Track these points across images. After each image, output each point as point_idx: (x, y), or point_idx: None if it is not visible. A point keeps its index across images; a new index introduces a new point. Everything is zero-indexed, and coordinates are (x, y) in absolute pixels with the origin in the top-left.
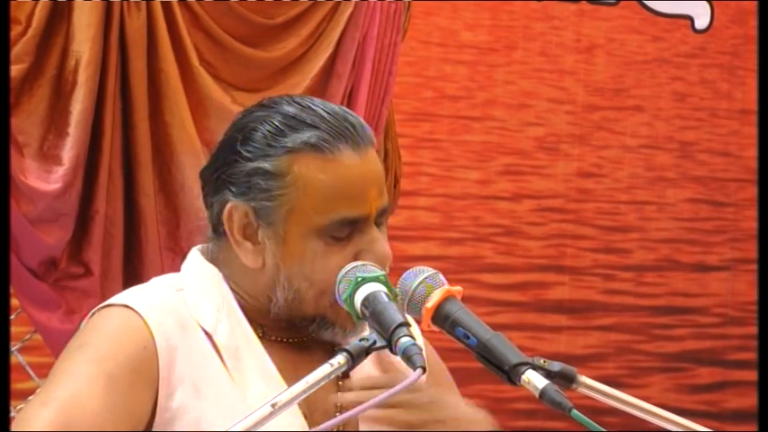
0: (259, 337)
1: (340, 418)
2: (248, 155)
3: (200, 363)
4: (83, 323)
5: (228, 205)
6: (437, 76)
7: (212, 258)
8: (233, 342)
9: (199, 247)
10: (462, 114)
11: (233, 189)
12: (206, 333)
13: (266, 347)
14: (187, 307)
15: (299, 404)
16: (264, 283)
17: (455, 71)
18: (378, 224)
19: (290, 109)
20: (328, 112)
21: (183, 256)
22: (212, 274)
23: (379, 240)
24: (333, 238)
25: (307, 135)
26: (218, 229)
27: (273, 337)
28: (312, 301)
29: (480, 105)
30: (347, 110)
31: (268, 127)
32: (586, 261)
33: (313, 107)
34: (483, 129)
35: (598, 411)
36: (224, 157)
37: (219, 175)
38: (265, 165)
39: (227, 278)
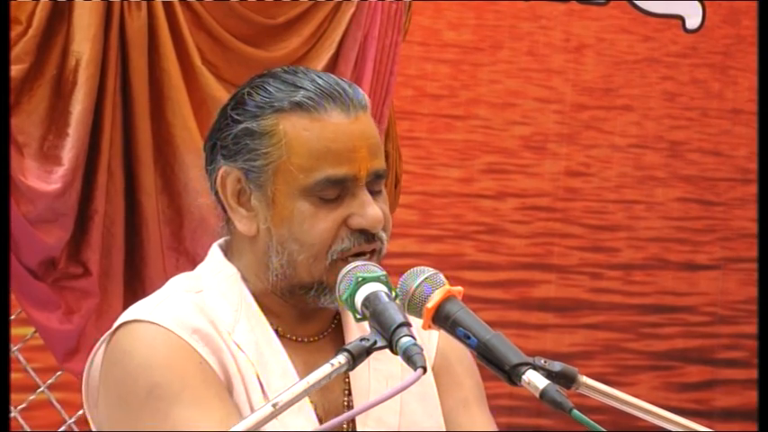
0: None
1: (343, 416)
2: (239, 117)
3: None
4: (104, 343)
5: (221, 170)
6: (417, 74)
7: (228, 252)
8: (252, 338)
9: (220, 242)
10: (444, 113)
11: (224, 153)
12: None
13: (282, 346)
14: (207, 309)
15: (315, 406)
16: (261, 251)
17: (437, 70)
18: (374, 192)
19: (284, 74)
20: (321, 77)
21: (189, 256)
22: (230, 274)
23: (370, 203)
24: (321, 199)
25: (294, 95)
26: (222, 205)
27: (288, 336)
28: (305, 266)
29: (463, 104)
30: (344, 78)
31: (259, 90)
32: (574, 259)
33: (307, 72)
34: (466, 127)
35: (586, 410)
36: (218, 124)
37: (214, 143)
38: (253, 125)
39: (241, 271)
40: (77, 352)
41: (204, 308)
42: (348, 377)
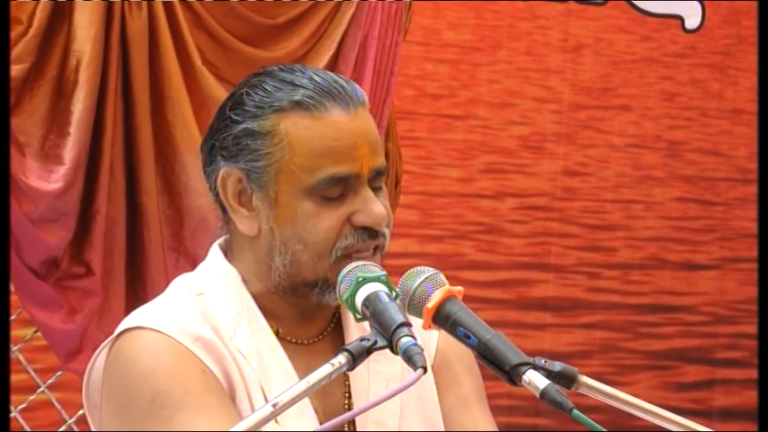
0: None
1: (343, 416)
2: (238, 118)
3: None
4: (106, 348)
5: (221, 171)
6: (418, 74)
7: (228, 253)
8: (253, 343)
9: (220, 241)
10: (444, 113)
11: (224, 154)
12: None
13: (282, 348)
14: (209, 314)
15: (315, 409)
16: (263, 251)
17: (436, 70)
18: (375, 188)
19: (281, 73)
20: (318, 74)
21: (189, 256)
22: (231, 276)
23: (373, 200)
24: (324, 198)
25: (294, 94)
26: (221, 205)
27: (288, 338)
28: (309, 265)
29: (463, 104)
30: (340, 75)
31: (257, 90)
32: (571, 259)
33: (304, 70)
34: (465, 127)
35: (583, 409)
36: (216, 124)
37: (213, 143)
38: (253, 125)
39: (241, 272)
40: (80, 352)
41: (206, 312)
42: (348, 380)
